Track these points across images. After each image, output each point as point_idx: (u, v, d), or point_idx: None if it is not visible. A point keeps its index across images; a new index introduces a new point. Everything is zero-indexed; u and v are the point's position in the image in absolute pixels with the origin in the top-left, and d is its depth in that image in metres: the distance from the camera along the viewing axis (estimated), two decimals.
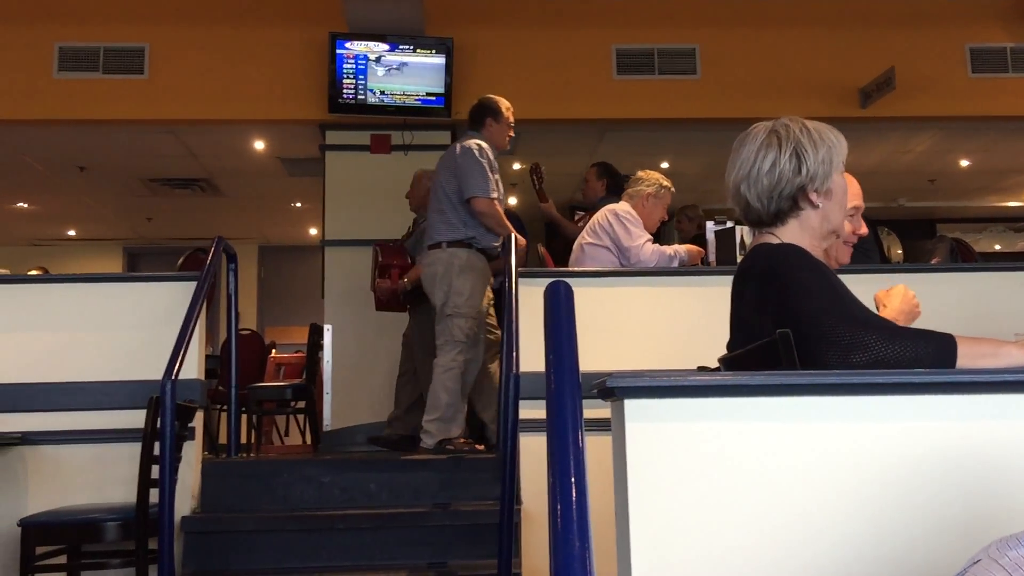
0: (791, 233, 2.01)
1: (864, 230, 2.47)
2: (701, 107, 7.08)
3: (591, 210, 5.59)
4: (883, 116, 7.10)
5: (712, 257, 5.21)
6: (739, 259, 4.80)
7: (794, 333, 1.80)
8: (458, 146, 4.86)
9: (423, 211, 5.50)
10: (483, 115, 5.01)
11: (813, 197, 1.99)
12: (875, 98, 6.94)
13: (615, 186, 5.83)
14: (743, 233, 4.89)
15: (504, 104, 5.04)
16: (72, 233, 11.48)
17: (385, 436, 5.39)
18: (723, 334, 2.16)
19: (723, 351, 2.16)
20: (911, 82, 6.87)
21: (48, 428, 4.00)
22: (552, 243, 6.72)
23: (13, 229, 10.92)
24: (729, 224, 5.20)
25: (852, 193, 2.29)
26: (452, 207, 4.80)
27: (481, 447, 4.87)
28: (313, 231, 11.17)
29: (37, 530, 3.47)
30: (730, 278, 2.12)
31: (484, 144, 4.85)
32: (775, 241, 2.01)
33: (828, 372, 1.68)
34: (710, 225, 5.38)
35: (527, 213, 10.46)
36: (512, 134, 5.12)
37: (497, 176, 4.82)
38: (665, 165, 8.51)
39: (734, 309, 2.08)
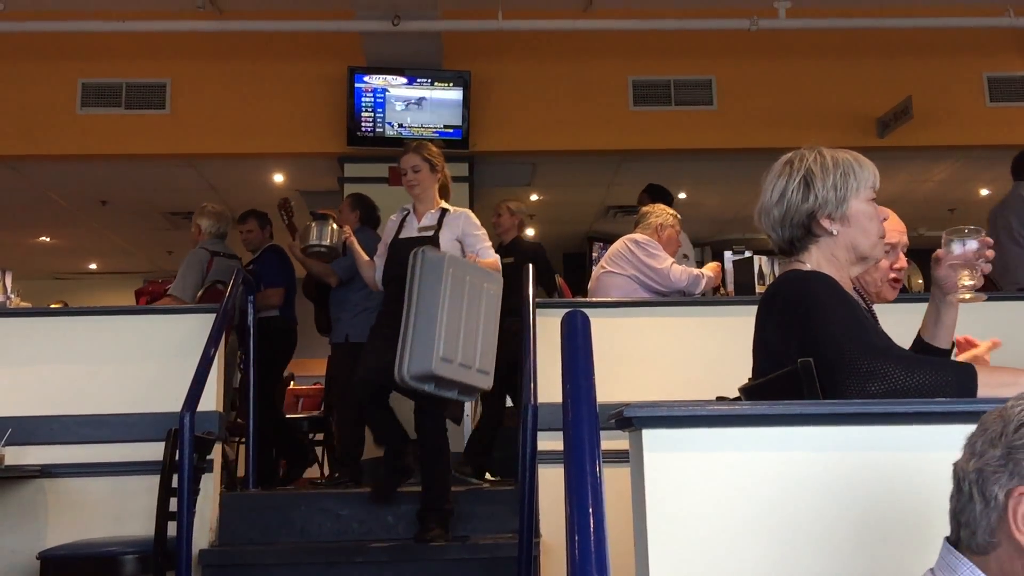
0: (815, 261, 2.00)
1: (902, 263, 2.45)
2: (718, 138, 7.10)
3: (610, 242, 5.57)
4: (901, 145, 7.08)
5: (730, 286, 5.19)
6: (757, 288, 4.79)
7: (816, 361, 1.78)
8: None
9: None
10: None
11: (826, 223, 1.97)
12: (893, 127, 6.93)
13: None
14: (761, 263, 4.87)
15: None
16: (93, 266, 11.59)
17: None
18: (742, 363, 2.15)
19: (742, 381, 2.14)
20: (929, 111, 6.86)
21: (67, 460, 4.01)
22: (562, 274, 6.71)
23: (35, 263, 11.04)
24: (747, 254, 5.18)
25: (892, 228, 2.28)
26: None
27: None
28: None
29: (56, 563, 3.47)
30: (748, 308, 2.10)
31: None
32: (804, 268, 2.00)
33: (847, 402, 1.66)
34: (728, 255, 5.36)
35: (544, 244, 10.48)
36: None
37: None
38: (682, 196, 8.50)
39: (758, 336, 2.06)
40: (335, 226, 5.03)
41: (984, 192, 8.74)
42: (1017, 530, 1.20)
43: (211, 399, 4.05)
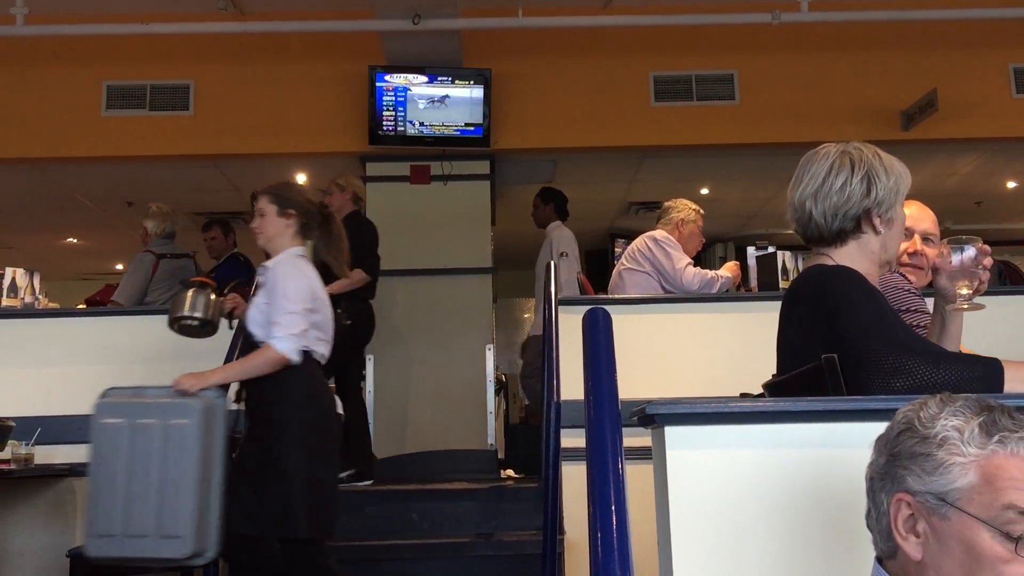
0: (848, 255, 2.00)
1: (913, 247, 2.53)
2: (740, 133, 7.06)
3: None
4: (926, 139, 7.01)
5: (753, 283, 5.16)
6: (781, 284, 4.77)
7: (842, 357, 1.78)
8: None
9: None
10: None
11: (876, 222, 1.99)
12: (918, 120, 6.87)
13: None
14: (784, 258, 4.84)
15: None
16: (120, 267, 11.70)
17: None
18: (765, 360, 2.14)
19: (765, 377, 2.14)
20: (954, 103, 6.79)
21: None
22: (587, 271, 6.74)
23: (63, 264, 11.16)
24: (771, 250, 5.16)
25: (913, 216, 2.39)
26: None
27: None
28: None
29: (85, 561, 3.51)
30: (771, 304, 2.10)
31: None
32: (830, 263, 2.00)
33: (872, 398, 1.65)
34: (751, 251, 5.34)
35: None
36: None
37: None
38: (705, 191, 8.47)
39: (782, 332, 2.06)
40: (213, 296, 3.85)
41: (1011, 185, 8.64)
42: (900, 536, 1.21)
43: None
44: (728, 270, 4.92)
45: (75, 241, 10.22)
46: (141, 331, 4.32)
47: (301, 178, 7.94)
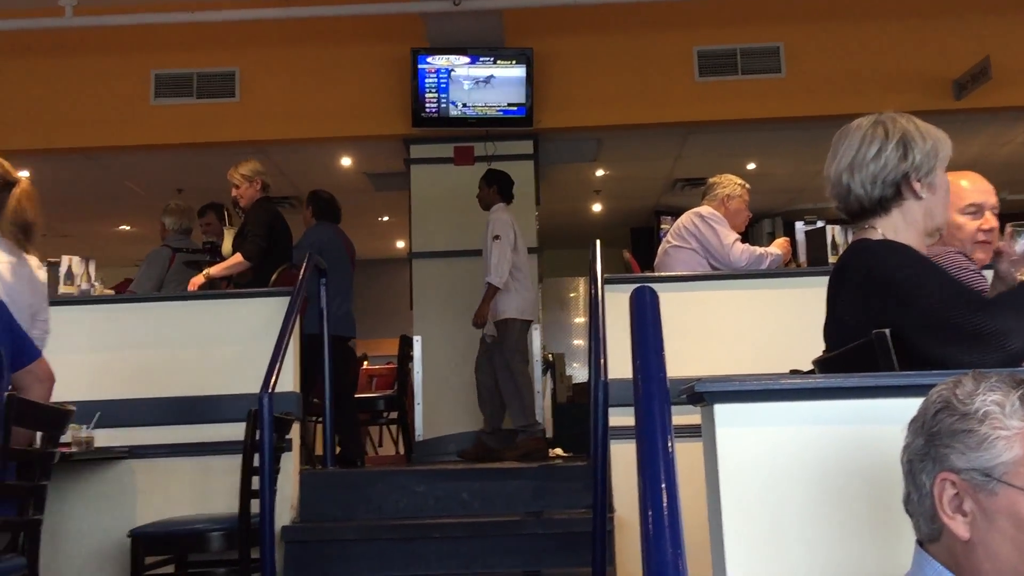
0: (892, 225, 1.98)
1: (989, 223, 2.51)
2: (787, 106, 6.96)
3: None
4: (979, 107, 6.85)
5: (803, 258, 5.10)
6: (830, 259, 4.71)
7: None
8: None
9: None
10: None
11: (916, 187, 1.97)
12: (970, 89, 6.71)
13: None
14: (834, 232, 4.78)
15: None
16: None
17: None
18: (815, 336, 2.12)
19: (815, 354, 2.12)
20: (1008, 71, 6.62)
21: (153, 442, 4.16)
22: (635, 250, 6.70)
23: (116, 250, 11.38)
24: (820, 224, 5.09)
25: (976, 189, 2.39)
26: None
27: None
28: (400, 244, 11.34)
29: (146, 540, 3.60)
30: (821, 279, 2.08)
31: None
32: (875, 236, 1.97)
33: (924, 372, 1.63)
34: (799, 225, 5.27)
35: (611, 219, 10.44)
36: None
37: None
38: (751, 166, 8.37)
39: (830, 308, 2.04)
40: None
41: None
42: (946, 516, 1.19)
43: (288, 380, 4.15)
44: (778, 247, 4.86)
45: (127, 228, 10.41)
46: (193, 316, 4.40)
47: (347, 162, 8.01)
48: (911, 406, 1.57)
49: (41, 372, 2.86)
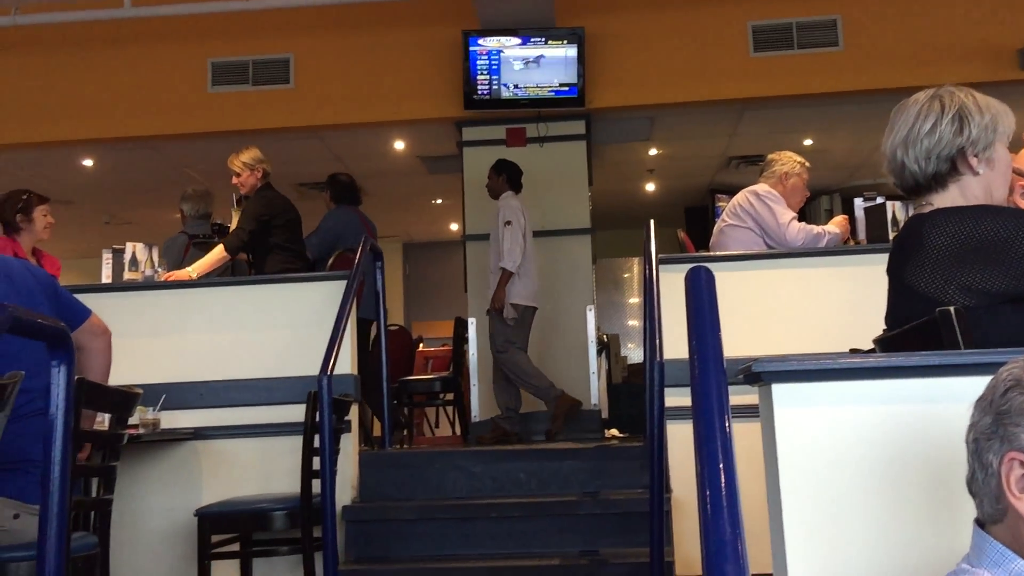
0: (950, 200, 1.95)
1: None
2: (845, 80, 6.82)
3: None
4: None
5: (862, 235, 5.02)
6: (891, 235, 4.62)
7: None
8: None
9: None
10: None
11: (973, 162, 1.94)
12: None
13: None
14: (894, 208, 4.69)
15: None
16: None
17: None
18: (875, 315, 2.09)
19: (875, 332, 2.09)
20: None
21: (217, 423, 4.25)
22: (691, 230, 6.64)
23: None
24: (879, 200, 4.99)
25: None
26: None
27: None
28: (454, 226, 11.39)
29: (212, 519, 3.70)
30: (881, 256, 2.05)
31: None
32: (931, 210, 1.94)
33: (989, 351, 1.60)
34: (859, 202, 5.18)
35: (665, 199, 10.36)
36: None
37: None
38: (808, 143, 8.23)
39: (891, 285, 2.01)
40: None
41: None
42: (1013, 496, 1.17)
43: (346, 362, 4.21)
44: (836, 225, 4.77)
45: None
46: (255, 299, 4.48)
47: (400, 145, 8.05)
48: (976, 385, 1.54)
49: (96, 327, 2.96)
